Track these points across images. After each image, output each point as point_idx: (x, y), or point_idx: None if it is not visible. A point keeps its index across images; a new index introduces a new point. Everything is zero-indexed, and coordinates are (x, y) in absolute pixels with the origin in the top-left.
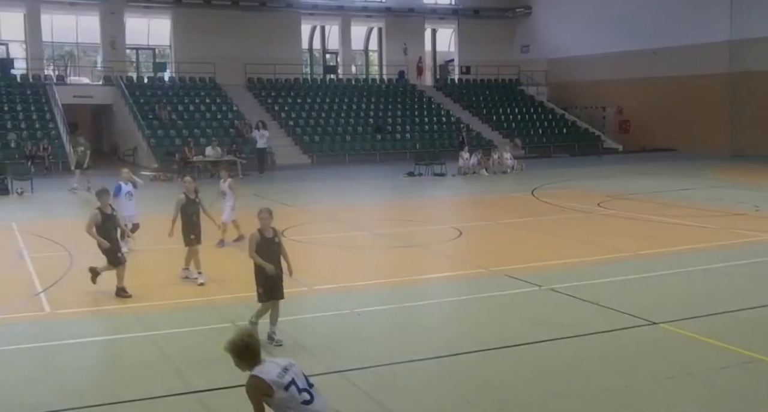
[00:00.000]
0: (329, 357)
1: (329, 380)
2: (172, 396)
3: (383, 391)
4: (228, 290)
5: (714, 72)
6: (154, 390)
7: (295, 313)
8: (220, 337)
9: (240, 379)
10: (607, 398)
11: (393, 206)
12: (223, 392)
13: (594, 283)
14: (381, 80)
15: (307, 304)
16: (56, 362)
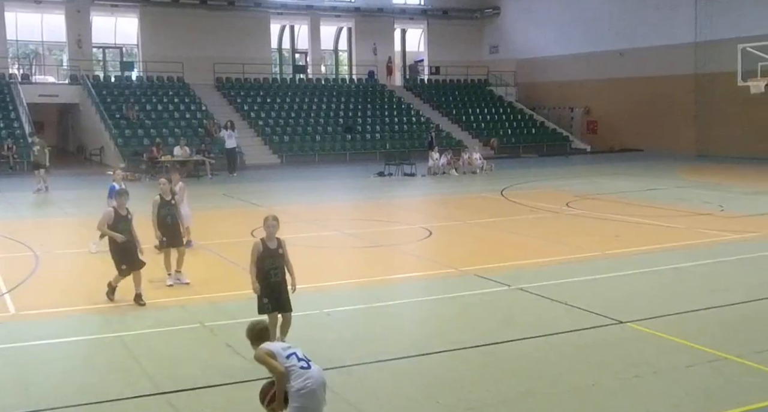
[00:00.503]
0: None
1: None
2: (140, 397)
3: (353, 390)
4: (197, 291)
5: (680, 73)
6: (122, 391)
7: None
8: (189, 338)
9: (209, 380)
10: (574, 397)
11: (363, 206)
12: (190, 392)
13: (562, 282)
14: (351, 80)
15: None
16: (21, 363)
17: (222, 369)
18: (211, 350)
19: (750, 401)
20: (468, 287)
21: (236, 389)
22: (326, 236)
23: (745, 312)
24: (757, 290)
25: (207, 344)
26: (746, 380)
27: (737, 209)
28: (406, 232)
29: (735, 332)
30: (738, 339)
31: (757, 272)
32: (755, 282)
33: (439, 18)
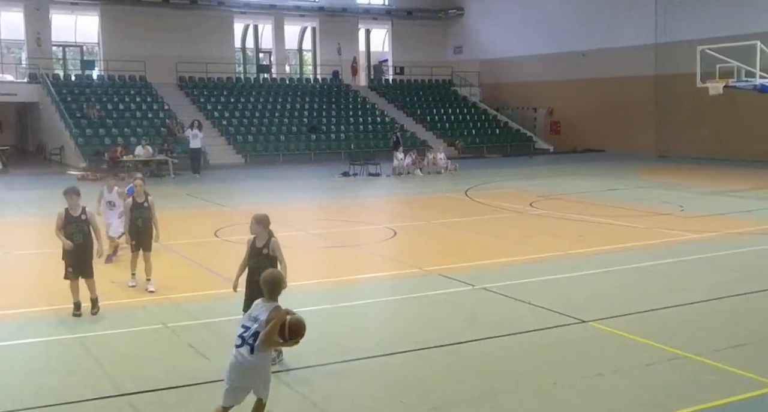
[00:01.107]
0: None
1: None
2: (101, 399)
3: (317, 391)
4: (160, 292)
5: (640, 75)
6: (82, 393)
7: (229, 313)
8: (151, 339)
9: (171, 381)
10: (537, 396)
11: (328, 206)
12: (152, 394)
13: (525, 282)
14: (315, 80)
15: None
16: None
17: (184, 370)
18: (173, 351)
19: (709, 399)
20: (432, 286)
21: (199, 391)
22: (291, 236)
23: (704, 311)
24: (716, 289)
25: (169, 345)
26: (705, 378)
27: (696, 209)
28: (371, 232)
29: (694, 330)
30: (697, 338)
31: (716, 271)
32: (714, 281)
33: (403, 18)
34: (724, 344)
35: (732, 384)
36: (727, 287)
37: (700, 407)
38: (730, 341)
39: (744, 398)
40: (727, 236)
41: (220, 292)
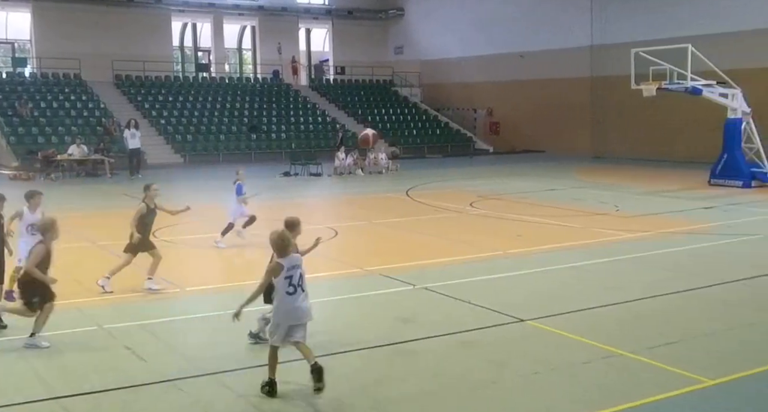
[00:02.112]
0: (201, 359)
1: (201, 383)
2: (33, 403)
3: (258, 392)
4: (94, 293)
5: (577, 76)
6: (13, 397)
7: (167, 315)
8: (86, 341)
9: (107, 384)
10: (477, 394)
11: (268, 206)
12: (87, 397)
13: (465, 281)
14: (255, 79)
15: (179, 306)
16: None
17: (120, 373)
18: (109, 354)
19: (643, 396)
20: (373, 286)
21: (134, 393)
22: (230, 237)
23: (638, 309)
24: (650, 288)
25: (105, 347)
26: (640, 375)
27: (631, 208)
28: (312, 232)
29: (629, 328)
30: (632, 335)
31: (650, 270)
32: (648, 280)
33: (343, 18)
34: (657, 342)
35: (665, 381)
36: (660, 285)
37: (634, 404)
38: (663, 339)
39: (677, 394)
40: (659, 235)
41: (157, 293)
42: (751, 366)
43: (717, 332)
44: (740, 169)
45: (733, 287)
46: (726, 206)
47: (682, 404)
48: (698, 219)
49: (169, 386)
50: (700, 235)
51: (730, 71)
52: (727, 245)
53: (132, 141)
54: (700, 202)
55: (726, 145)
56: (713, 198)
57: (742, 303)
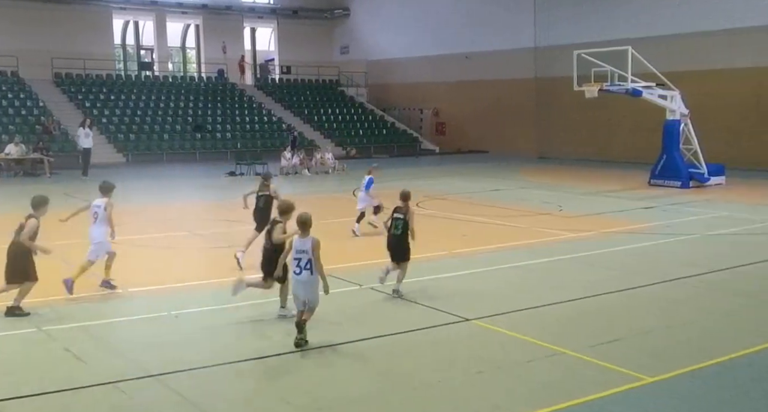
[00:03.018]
0: (144, 360)
1: (143, 384)
2: None
3: (201, 394)
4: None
5: (521, 77)
6: None
7: (110, 316)
8: (25, 343)
9: (45, 386)
10: (422, 394)
11: (214, 206)
12: (24, 400)
13: (411, 281)
14: (200, 78)
15: (123, 306)
16: None
17: (60, 375)
18: (48, 356)
19: (586, 393)
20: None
21: (74, 395)
22: (175, 237)
23: (581, 308)
24: (592, 287)
25: (44, 349)
26: (582, 373)
27: (574, 208)
28: None
29: (572, 327)
30: (574, 334)
31: (592, 269)
32: (591, 279)
33: (289, 17)
34: (599, 340)
35: (606, 379)
36: (602, 284)
37: (576, 402)
38: (604, 337)
39: (618, 391)
40: (602, 235)
41: (99, 294)
42: (688, 364)
43: (656, 330)
44: (679, 169)
45: (671, 285)
46: (665, 206)
47: (622, 402)
48: (638, 219)
49: (111, 388)
50: (641, 234)
51: (669, 73)
52: (666, 244)
53: (85, 140)
54: (641, 203)
55: (665, 147)
56: (653, 198)
57: (681, 301)
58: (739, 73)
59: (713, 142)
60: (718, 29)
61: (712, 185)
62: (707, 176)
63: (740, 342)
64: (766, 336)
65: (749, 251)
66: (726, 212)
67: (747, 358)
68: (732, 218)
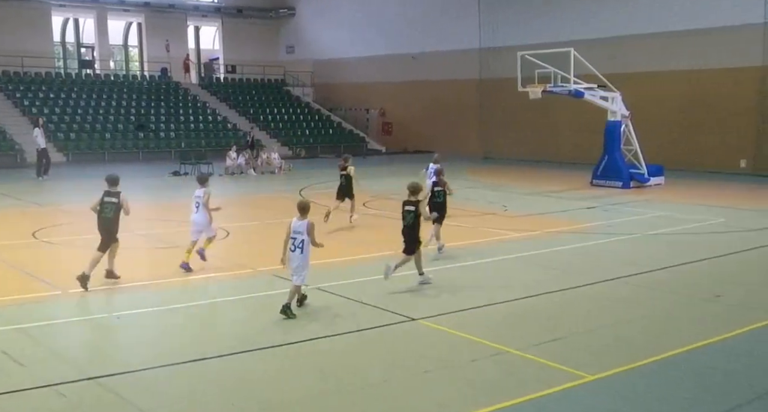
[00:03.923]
0: (85, 363)
1: (84, 388)
2: None
3: (144, 396)
4: None
5: (466, 78)
6: None
7: (49, 318)
8: None
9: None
10: (368, 394)
11: (157, 206)
12: None
13: (357, 281)
14: (142, 77)
15: (62, 308)
16: None
17: None
18: None
19: (529, 392)
20: (265, 287)
21: (12, 400)
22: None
23: (525, 307)
24: (536, 286)
25: None
26: (526, 372)
27: (518, 208)
28: None
29: (516, 326)
30: (519, 333)
31: (536, 268)
32: (534, 278)
33: (233, 16)
34: (542, 339)
35: (549, 377)
36: (546, 283)
37: (520, 400)
38: (548, 336)
39: (559, 390)
40: (545, 234)
41: (37, 295)
42: (629, 361)
43: (598, 328)
44: (620, 170)
45: (613, 284)
46: (607, 206)
47: (565, 400)
48: (581, 219)
49: (50, 391)
50: (583, 234)
51: (610, 75)
52: (608, 243)
53: (40, 140)
54: (583, 203)
55: (606, 147)
56: (595, 198)
57: (621, 300)
58: (677, 75)
59: (653, 143)
60: (656, 32)
61: (651, 186)
62: (647, 177)
63: (678, 340)
64: (702, 334)
65: (686, 251)
66: (665, 211)
67: (684, 355)
68: (670, 217)
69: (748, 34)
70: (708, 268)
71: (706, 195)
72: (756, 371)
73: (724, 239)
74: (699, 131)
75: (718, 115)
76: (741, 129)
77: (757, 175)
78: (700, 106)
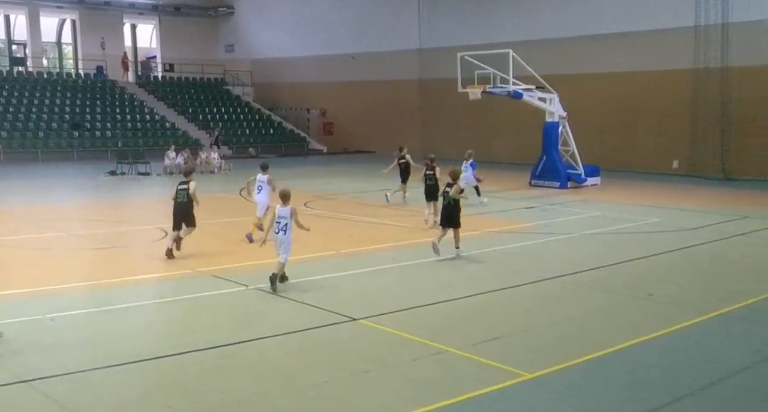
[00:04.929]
0: (17, 366)
1: (15, 391)
2: None
3: (79, 400)
4: None
5: (407, 78)
6: None
7: None
8: None
9: None
10: (308, 394)
11: (93, 206)
12: None
13: (299, 281)
14: (77, 75)
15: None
16: None
17: None
18: None
19: (469, 390)
20: (205, 288)
21: None
22: (51, 238)
23: (465, 306)
24: (477, 285)
25: None
26: (465, 371)
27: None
28: (140, 232)
29: (456, 325)
30: (458, 332)
31: (475, 268)
32: (475, 278)
33: (171, 14)
34: (482, 338)
35: (488, 376)
36: (486, 283)
37: (459, 399)
38: (487, 335)
39: (498, 388)
40: (485, 234)
41: None
42: (566, 359)
43: (536, 327)
44: (557, 170)
45: (550, 283)
46: (545, 206)
47: (503, 398)
48: (520, 219)
49: None
50: (522, 234)
51: (548, 76)
52: (546, 243)
53: None
54: (522, 203)
55: (544, 148)
56: (533, 198)
57: (559, 299)
58: (613, 77)
59: (589, 144)
60: (592, 34)
61: (588, 186)
62: (584, 177)
63: (613, 337)
64: (636, 331)
65: (622, 250)
66: (601, 211)
67: (619, 352)
68: (606, 217)
69: (680, 37)
70: (642, 267)
71: (641, 195)
72: (687, 368)
73: (658, 238)
74: (634, 132)
75: (653, 117)
76: (674, 131)
77: (689, 175)
78: (636, 108)
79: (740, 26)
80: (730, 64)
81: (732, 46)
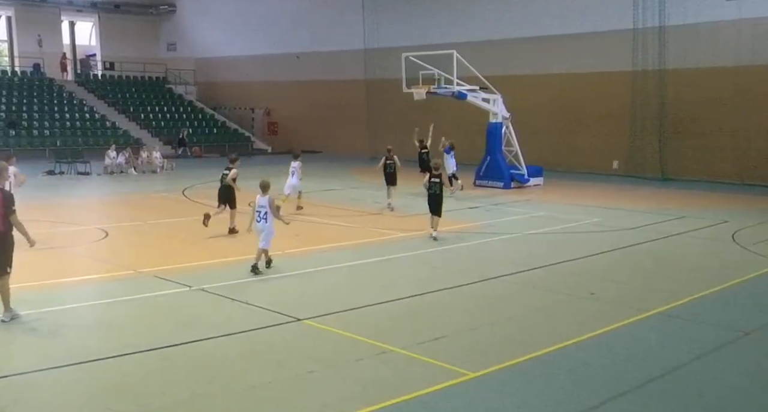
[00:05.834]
0: None
1: None
2: None
3: (16, 404)
4: None
5: (352, 78)
6: None
7: None
8: None
9: None
10: (252, 395)
11: (30, 206)
12: None
13: (243, 282)
14: (13, 72)
15: None
16: None
17: None
18: None
19: (412, 390)
20: (147, 288)
21: None
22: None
23: (409, 306)
24: (421, 285)
25: None
26: (410, 370)
27: (404, 209)
28: (79, 233)
29: (401, 325)
30: (403, 332)
31: (421, 267)
32: (419, 277)
33: (111, 12)
34: (426, 337)
35: (432, 375)
36: (430, 282)
37: (405, 398)
38: (431, 334)
39: (443, 387)
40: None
41: None
42: (509, 358)
43: (480, 326)
44: (501, 171)
45: (494, 283)
46: (489, 206)
47: (448, 397)
48: (464, 219)
49: None
50: (466, 234)
51: (492, 77)
52: (489, 243)
53: None
54: (466, 203)
55: (488, 149)
56: (478, 199)
57: (502, 298)
58: (555, 78)
59: (532, 144)
60: (533, 36)
61: (531, 186)
62: (527, 177)
63: (554, 336)
64: (577, 330)
65: (563, 250)
66: (544, 211)
67: (560, 351)
68: (549, 217)
69: (619, 39)
70: (583, 266)
71: (582, 195)
72: (627, 366)
73: (599, 237)
74: (575, 133)
75: (593, 118)
76: (614, 131)
77: (628, 176)
78: (577, 109)
79: (677, 30)
80: (667, 67)
81: (669, 49)
